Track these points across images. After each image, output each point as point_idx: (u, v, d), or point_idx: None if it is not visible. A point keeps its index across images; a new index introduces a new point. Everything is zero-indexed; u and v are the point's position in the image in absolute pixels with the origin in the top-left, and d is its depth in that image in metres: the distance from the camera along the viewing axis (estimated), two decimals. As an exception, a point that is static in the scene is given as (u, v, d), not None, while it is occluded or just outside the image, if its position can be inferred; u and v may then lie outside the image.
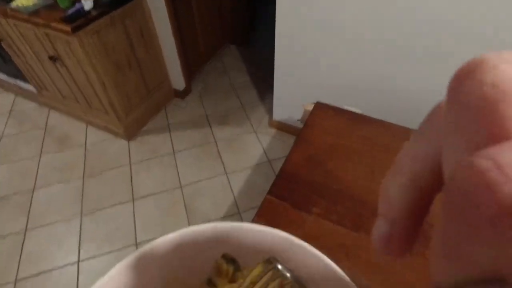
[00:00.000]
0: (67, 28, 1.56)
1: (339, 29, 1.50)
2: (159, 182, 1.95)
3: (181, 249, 0.31)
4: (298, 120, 2.06)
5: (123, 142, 2.20)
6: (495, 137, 0.08)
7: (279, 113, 2.12)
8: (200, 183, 1.93)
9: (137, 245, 1.68)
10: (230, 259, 0.29)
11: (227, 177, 1.95)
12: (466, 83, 0.09)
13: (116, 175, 2.01)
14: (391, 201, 0.12)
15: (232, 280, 0.28)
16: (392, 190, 0.12)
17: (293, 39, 1.66)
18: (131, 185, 1.95)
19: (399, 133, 1.03)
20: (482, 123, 0.08)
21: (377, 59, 1.52)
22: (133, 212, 1.81)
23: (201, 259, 0.31)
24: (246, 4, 2.87)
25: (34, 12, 1.68)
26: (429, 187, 0.11)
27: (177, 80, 2.38)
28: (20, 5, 1.71)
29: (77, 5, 1.70)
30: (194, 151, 2.11)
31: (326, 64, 1.68)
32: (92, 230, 1.74)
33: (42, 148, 2.19)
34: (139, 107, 2.20)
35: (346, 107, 1.78)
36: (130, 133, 2.20)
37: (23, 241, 1.71)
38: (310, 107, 1.91)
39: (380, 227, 0.12)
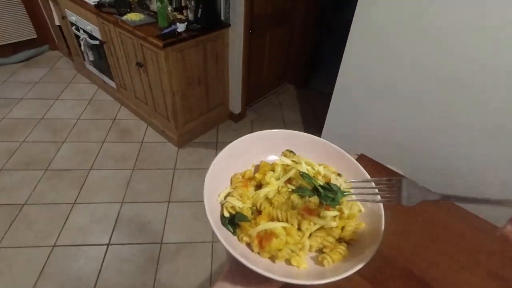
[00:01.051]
0: (160, 43, 1.84)
1: (395, 91, 1.57)
2: (195, 191, 2.09)
3: (268, 138, 0.59)
4: None
5: (174, 148, 2.41)
6: None
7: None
8: (232, 203, 2.02)
9: (161, 244, 1.79)
10: (290, 150, 0.58)
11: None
12: None
13: (160, 175, 2.19)
14: None
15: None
16: None
17: (351, 92, 1.76)
18: (171, 187, 2.11)
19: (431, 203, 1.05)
20: None
21: (427, 125, 1.55)
22: (166, 212, 1.95)
23: (276, 147, 0.59)
24: (311, 50, 3.08)
25: (139, 26, 2.02)
26: None
27: (235, 104, 2.58)
28: (129, 19, 2.06)
29: (173, 26, 2.00)
30: (234, 172, 2.24)
31: (376, 120, 1.74)
32: (128, 218, 1.90)
33: (106, 136, 2.48)
34: (196, 120, 2.42)
35: (388, 166, 1.80)
36: (182, 141, 2.41)
37: (70, 212, 1.92)
38: (353, 157, 1.95)
39: None
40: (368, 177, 0.51)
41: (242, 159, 0.54)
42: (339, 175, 0.54)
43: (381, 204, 0.46)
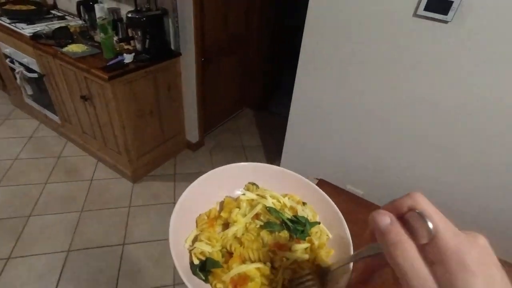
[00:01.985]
0: (105, 75, 1.74)
1: (351, 114, 1.62)
2: (154, 230, 1.94)
3: (229, 173, 0.57)
4: None
5: (128, 184, 2.25)
6: None
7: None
8: (193, 238, 1.90)
9: (116, 294, 1.61)
10: (253, 183, 0.58)
11: (222, 236, 1.93)
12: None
13: (113, 215, 2.01)
14: None
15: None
16: None
17: (306, 116, 1.79)
18: (125, 228, 1.94)
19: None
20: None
21: (384, 146, 1.60)
22: (121, 256, 1.78)
23: (239, 181, 0.58)
24: (266, 73, 3.13)
25: (81, 58, 1.90)
26: None
27: (192, 133, 2.51)
28: (70, 50, 1.94)
29: (119, 57, 1.91)
30: (194, 204, 2.13)
31: (334, 142, 1.77)
32: (75, 269, 1.69)
33: (50, 176, 2.25)
34: (151, 153, 2.30)
35: (348, 187, 1.83)
36: (137, 176, 2.26)
37: (3, 269, 1.66)
38: (313, 182, 1.96)
39: None
40: (330, 200, 0.54)
41: (204, 198, 0.53)
42: (303, 203, 0.56)
43: (347, 229, 0.49)
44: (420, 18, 1.20)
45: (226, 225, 0.51)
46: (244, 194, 0.55)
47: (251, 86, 3.15)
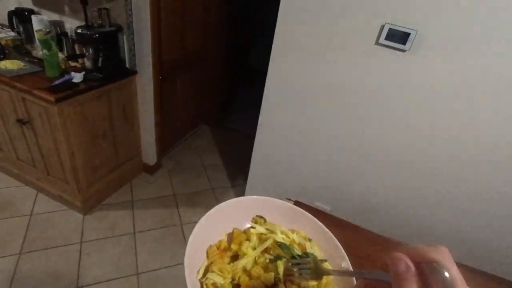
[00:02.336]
0: (51, 97, 1.54)
1: (317, 134, 1.67)
2: (112, 266, 1.74)
3: (239, 206, 0.59)
4: None
5: (77, 216, 2.00)
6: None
7: (250, 200, 2.14)
8: (159, 272, 1.76)
9: None
10: (261, 216, 0.60)
11: (191, 265, 1.81)
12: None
13: (61, 255, 1.76)
14: None
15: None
16: None
17: (273, 136, 1.80)
18: (78, 268, 1.70)
19: (371, 239, 1.12)
20: None
21: (348, 164, 1.68)
22: (75, 304, 1.55)
23: (246, 214, 0.60)
24: (223, 89, 3.11)
25: (17, 76, 1.65)
26: None
27: (149, 154, 2.35)
28: (3, 67, 1.68)
29: (66, 76, 1.72)
30: (157, 233, 1.98)
31: (301, 161, 1.81)
32: (17, 327, 1.43)
33: (-25, 214, 1.89)
34: (104, 179, 2.08)
35: (317, 203, 1.87)
36: (88, 206, 2.03)
37: None
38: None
39: None
40: (334, 238, 0.58)
41: (214, 230, 0.55)
42: (309, 240, 0.59)
43: (351, 267, 0.53)
44: (381, 46, 1.30)
45: (234, 257, 0.53)
46: (254, 228, 0.57)
47: (207, 102, 3.09)
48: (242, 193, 2.22)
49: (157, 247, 1.89)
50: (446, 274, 0.22)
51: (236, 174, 2.60)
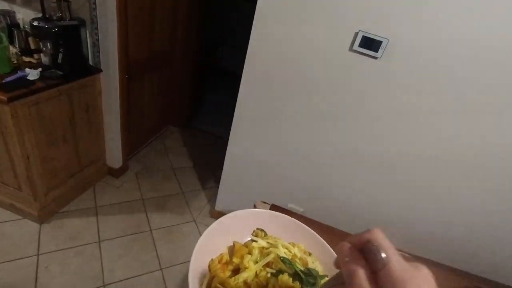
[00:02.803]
0: (3, 96, 1.38)
1: (287, 141, 1.69)
2: (75, 280, 1.61)
3: (239, 219, 0.61)
4: None
5: (33, 226, 1.83)
6: None
7: (222, 203, 2.11)
8: (128, 282, 1.66)
9: None
10: (261, 229, 0.61)
11: (162, 273, 1.74)
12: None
13: (14, 270, 1.59)
14: None
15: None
16: None
17: (247, 140, 1.78)
18: (35, 284, 1.55)
19: (340, 235, 1.17)
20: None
21: (322, 167, 1.72)
22: (33, 323, 1.41)
23: (246, 228, 0.61)
24: (191, 89, 3.03)
25: (-40, 72, 1.47)
26: None
27: (114, 157, 2.21)
28: None
29: (19, 73, 1.56)
30: (125, 241, 1.87)
31: (274, 163, 1.81)
32: None
33: None
34: (64, 185, 1.92)
35: (290, 205, 1.90)
36: (46, 215, 1.86)
37: None
38: (261, 206, 1.96)
39: None
40: (332, 251, 0.58)
41: (215, 244, 0.57)
42: (309, 254, 0.60)
43: None
44: (355, 52, 1.34)
45: (236, 270, 0.54)
46: (255, 241, 0.58)
47: (176, 103, 2.99)
48: (214, 196, 2.18)
49: (124, 255, 1.79)
50: (382, 253, 0.25)
51: (207, 176, 2.55)
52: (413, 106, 1.39)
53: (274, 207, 1.30)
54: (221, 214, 2.13)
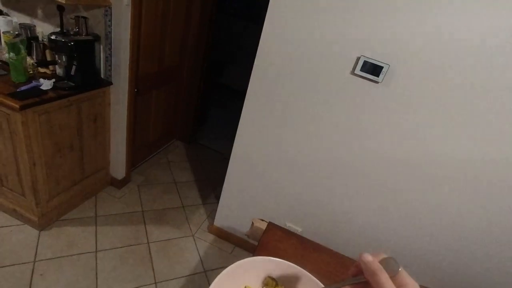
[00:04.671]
0: (15, 104, 1.44)
1: (291, 158, 1.71)
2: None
3: (250, 267, 0.62)
4: (245, 234, 2.05)
5: (33, 232, 1.84)
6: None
7: (221, 220, 2.10)
8: (122, 294, 1.65)
9: None
10: (273, 278, 0.63)
11: (156, 287, 1.72)
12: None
13: (9, 276, 1.59)
14: None
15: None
16: None
17: (248, 157, 1.81)
18: (29, 291, 1.55)
19: (343, 261, 1.15)
20: None
21: (321, 188, 1.73)
22: (23, 331, 1.40)
23: (258, 276, 0.63)
24: (196, 105, 3.09)
25: (-22, 79, 1.54)
26: None
27: (118, 168, 2.25)
28: (-37, 68, 1.56)
29: (33, 83, 1.63)
30: (121, 252, 1.86)
31: (274, 184, 1.82)
32: None
33: None
34: (66, 192, 1.95)
35: (288, 224, 1.89)
36: (46, 222, 1.88)
37: None
38: (258, 223, 1.97)
39: None
40: None
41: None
42: None
43: None
44: (357, 76, 1.38)
45: None
46: None
47: (181, 118, 3.05)
48: (213, 212, 2.18)
49: (120, 267, 1.78)
50: (397, 262, 0.37)
51: (207, 191, 2.56)
52: (413, 130, 1.41)
53: (271, 225, 1.30)
54: (219, 230, 2.12)
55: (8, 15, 1.95)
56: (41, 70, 1.78)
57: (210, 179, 2.74)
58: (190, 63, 2.79)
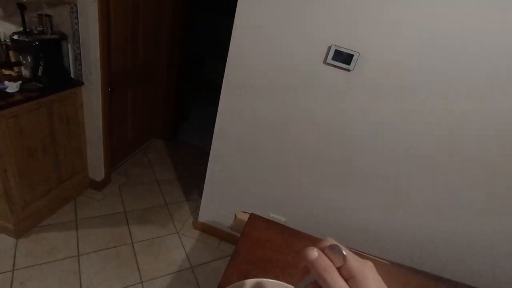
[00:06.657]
0: (-21, 109, 1.38)
1: (272, 147, 1.72)
2: (51, 295, 1.58)
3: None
4: (229, 227, 2.06)
5: (9, 240, 1.79)
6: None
7: (205, 215, 2.10)
8: (107, 296, 1.63)
9: None
10: None
11: (143, 286, 1.71)
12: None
13: (-12, 287, 1.55)
14: None
15: None
16: None
17: (228, 150, 1.81)
18: (10, 301, 1.51)
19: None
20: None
21: (303, 178, 1.75)
22: None
23: None
24: (175, 102, 3.05)
25: None
26: None
27: (97, 169, 2.20)
28: None
29: (-2, 86, 1.56)
30: (105, 254, 1.84)
31: (255, 173, 1.83)
32: None
33: None
34: (43, 198, 1.90)
35: (271, 215, 1.91)
36: (23, 229, 1.82)
37: None
38: (241, 215, 1.98)
39: None
40: None
41: None
42: None
43: None
44: (329, 65, 1.39)
45: None
46: None
47: (160, 115, 3.01)
48: (197, 208, 2.17)
49: (104, 269, 1.75)
50: (343, 251, 0.32)
51: (190, 188, 2.55)
52: (385, 117, 1.44)
53: (253, 216, 1.31)
54: (204, 225, 2.13)
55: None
56: (5, 72, 1.70)
57: (193, 176, 2.72)
58: (167, 58, 2.74)
